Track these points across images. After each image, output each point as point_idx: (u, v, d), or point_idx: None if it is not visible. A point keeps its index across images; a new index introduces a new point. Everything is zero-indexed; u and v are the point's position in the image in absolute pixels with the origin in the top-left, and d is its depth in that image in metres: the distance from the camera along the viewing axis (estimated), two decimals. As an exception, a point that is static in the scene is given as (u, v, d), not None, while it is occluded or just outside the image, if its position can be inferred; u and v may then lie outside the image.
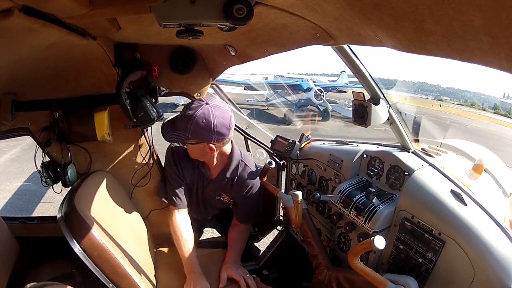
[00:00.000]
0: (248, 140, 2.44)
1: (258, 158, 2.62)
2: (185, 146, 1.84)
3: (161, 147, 1.99)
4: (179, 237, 1.87)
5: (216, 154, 1.79)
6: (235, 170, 1.88)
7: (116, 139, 2.02)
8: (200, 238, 2.54)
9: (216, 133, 1.65)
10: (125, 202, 2.02)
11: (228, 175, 1.88)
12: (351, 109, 1.65)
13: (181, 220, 1.93)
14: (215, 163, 1.86)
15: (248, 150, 2.55)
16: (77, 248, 1.37)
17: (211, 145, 1.70)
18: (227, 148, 1.82)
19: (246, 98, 15.38)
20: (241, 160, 1.90)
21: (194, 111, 1.64)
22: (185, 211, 1.96)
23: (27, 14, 0.77)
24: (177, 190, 1.91)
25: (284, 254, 2.45)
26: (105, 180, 1.89)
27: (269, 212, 2.53)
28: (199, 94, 2.22)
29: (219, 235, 2.68)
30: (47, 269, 1.90)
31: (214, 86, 2.91)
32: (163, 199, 2.03)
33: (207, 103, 1.65)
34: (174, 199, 1.92)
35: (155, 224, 2.21)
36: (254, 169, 1.95)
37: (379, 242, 1.16)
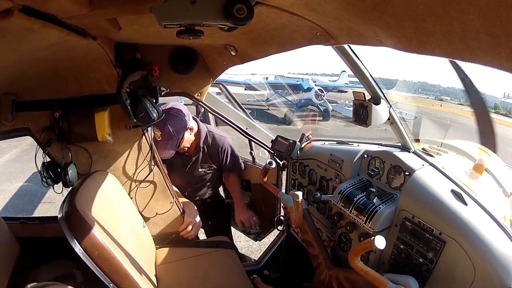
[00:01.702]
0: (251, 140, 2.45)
1: (261, 156, 2.65)
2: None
3: (162, 147, 2.00)
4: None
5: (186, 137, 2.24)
6: (206, 139, 2.38)
7: (117, 139, 2.02)
8: (201, 239, 2.56)
9: (175, 133, 2.16)
10: (126, 202, 2.03)
11: (201, 145, 2.36)
12: (351, 109, 1.65)
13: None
14: (189, 143, 2.32)
15: (251, 149, 2.59)
16: (78, 248, 1.37)
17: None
18: (194, 129, 2.30)
19: (246, 98, 15.35)
20: (208, 131, 2.41)
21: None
22: None
23: (27, 14, 0.77)
24: None
25: (285, 254, 2.45)
26: (105, 180, 1.89)
27: (270, 212, 2.53)
28: (199, 94, 2.22)
29: (221, 235, 2.69)
30: (48, 269, 1.90)
31: (221, 86, 2.93)
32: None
33: (163, 115, 1.99)
34: None
35: (158, 226, 2.21)
36: (221, 134, 2.48)
37: (380, 242, 1.16)
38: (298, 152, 2.16)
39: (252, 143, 2.52)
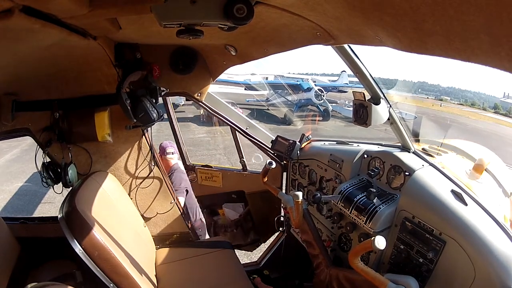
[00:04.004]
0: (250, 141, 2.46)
1: (253, 163, 2.63)
2: None
3: (162, 147, 2.00)
4: None
5: None
6: None
7: (117, 140, 2.02)
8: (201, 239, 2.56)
9: None
10: (126, 202, 2.03)
11: None
12: (351, 109, 1.65)
13: None
14: None
15: (241, 156, 2.64)
16: (78, 248, 1.37)
17: None
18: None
19: (246, 98, 15.34)
20: None
21: None
22: None
23: (28, 14, 0.77)
24: None
25: (285, 254, 2.45)
26: (105, 181, 1.89)
27: (267, 220, 2.53)
28: (199, 94, 2.22)
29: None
30: (48, 269, 1.90)
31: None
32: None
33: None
34: None
35: (158, 226, 2.22)
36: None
37: (380, 242, 1.15)
38: (298, 152, 2.16)
39: (241, 149, 2.58)
